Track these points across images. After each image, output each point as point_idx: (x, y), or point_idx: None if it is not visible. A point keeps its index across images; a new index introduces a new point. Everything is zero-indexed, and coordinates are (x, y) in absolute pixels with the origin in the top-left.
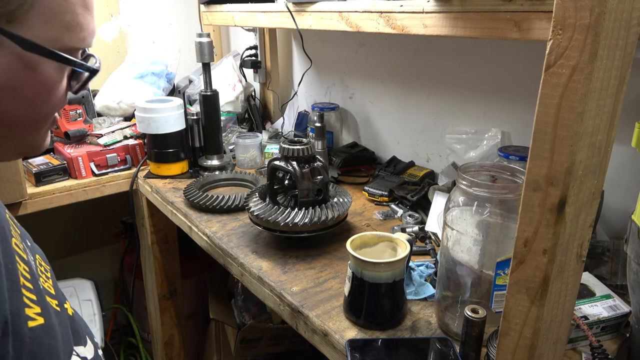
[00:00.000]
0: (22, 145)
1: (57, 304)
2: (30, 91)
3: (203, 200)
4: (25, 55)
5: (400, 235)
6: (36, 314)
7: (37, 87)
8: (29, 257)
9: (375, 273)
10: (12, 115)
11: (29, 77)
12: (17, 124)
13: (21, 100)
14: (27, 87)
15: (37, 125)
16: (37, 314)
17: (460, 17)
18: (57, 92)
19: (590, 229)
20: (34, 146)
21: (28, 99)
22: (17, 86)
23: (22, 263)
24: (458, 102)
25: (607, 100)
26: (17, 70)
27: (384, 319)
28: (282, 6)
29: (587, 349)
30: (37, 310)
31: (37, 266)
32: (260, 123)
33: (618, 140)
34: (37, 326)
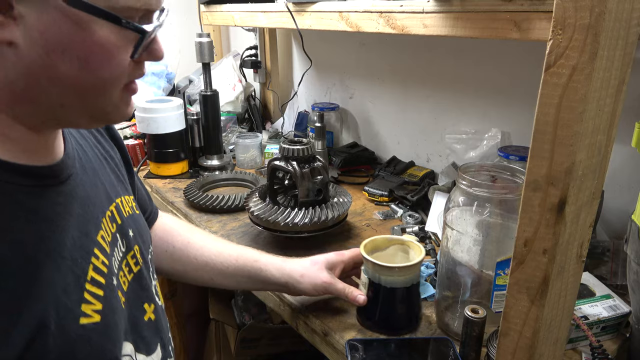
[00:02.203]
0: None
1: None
2: (83, 51)
3: (203, 200)
4: (71, 12)
5: (410, 237)
6: (94, 310)
7: (91, 48)
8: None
9: (396, 278)
10: (70, 77)
11: (79, 35)
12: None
13: (75, 60)
14: (78, 47)
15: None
16: (96, 311)
17: (460, 17)
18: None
19: (590, 229)
20: (106, 112)
21: (83, 59)
22: (68, 45)
23: (102, 256)
24: (458, 102)
25: (607, 100)
26: (65, 27)
27: (404, 323)
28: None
29: (587, 349)
30: (97, 307)
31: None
32: (260, 123)
33: (618, 140)
34: (91, 324)
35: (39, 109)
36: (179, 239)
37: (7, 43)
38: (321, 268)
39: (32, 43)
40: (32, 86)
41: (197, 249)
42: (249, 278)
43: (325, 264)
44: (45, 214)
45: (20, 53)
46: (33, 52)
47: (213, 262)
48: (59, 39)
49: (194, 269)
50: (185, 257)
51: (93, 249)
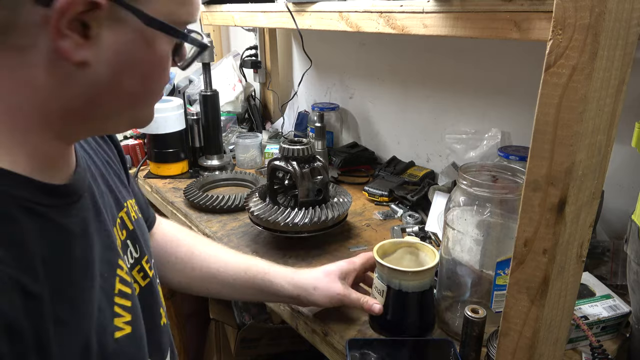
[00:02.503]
0: (135, 119)
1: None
2: (147, 68)
3: (203, 200)
4: (146, 31)
5: (414, 239)
6: (125, 322)
7: (153, 64)
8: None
9: (417, 282)
10: (129, 91)
11: (146, 53)
12: (133, 99)
13: (139, 76)
14: (144, 64)
15: (150, 101)
16: (126, 323)
17: (460, 17)
18: (167, 68)
19: (590, 229)
20: (144, 120)
21: (145, 76)
22: (136, 63)
23: (125, 266)
24: (458, 102)
25: (607, 100)
26: (138, 46)
27: (428, 326)
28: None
29: (587, 349)
30: (127, 319)
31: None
32: (260, 123)
33: (618, 140)
34: (123, 336)
35: (87, 123)
36: (182, 249)
37: (80, 63)
38: (334, 279)
39: (104, 63)
40: (90, 103)
41: (203, 260)
42: (259, 291)
43: (338, 274)
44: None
45: (91, 73)
46: (102, 72)
47: (220, 274)
48: (130, 57)
49: (199, 281)
50: (189, 269)
51: (117, 261)
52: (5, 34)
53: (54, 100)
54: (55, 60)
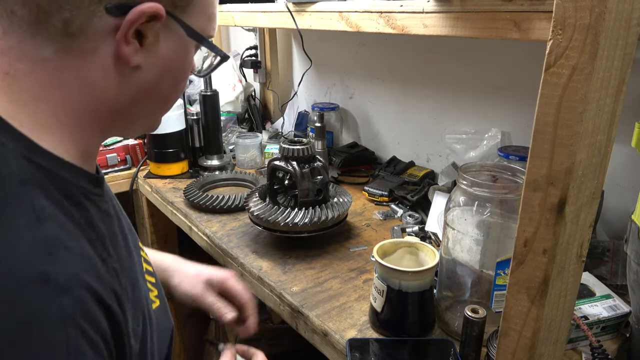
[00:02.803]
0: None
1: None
2: (180, 73)
3: (203, 200)
4: (186, 41)
5: (414, 239)
6: (155, 296)
7: (185, 70)
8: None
9: (417, 282)
10: (164, 93)
11: (183, 60)
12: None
13: (173, 80)
14: (180, 70)
15: (171, 103)
16: (156, 297)
17: (460, 17)
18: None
19: (590, 229)
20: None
21: (177, 80)
22: (175, 68)
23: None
24: (458, 102)
25: (607, 100)
26: (179, 54)
27: (427, 326)
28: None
29: (587, 349)
30: (155, 293)
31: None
32: (260, 123)
33: (618, 140)
34: (157, 308)
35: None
36: None
37: (135, 67)
38: (198, 282)
39: (152, 66)
40: (134, 103)
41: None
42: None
43: (205, 280)
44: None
45: (141, 76)
46: (150, 74)
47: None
48: (172, 63)
49: None
50: None
51: (138, 242)
52: (75, 38)
53: (106, 99)
54: (114, 64)
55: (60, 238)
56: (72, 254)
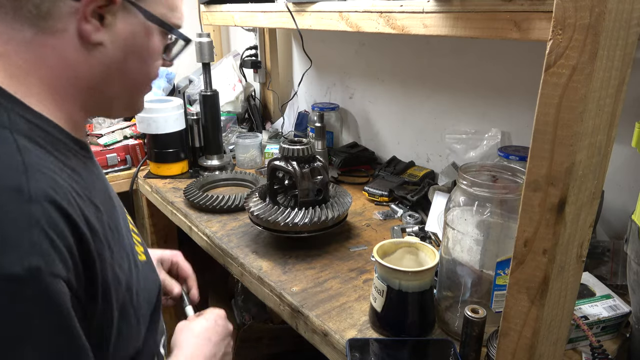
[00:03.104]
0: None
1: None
2: (146, 54)
3: (203, 200)
4: (146, 24)
5: (414, 239)
6: (142, 252)
7: (150, 52)
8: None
9: (417, 282)
10: (133, 73)
11: (146, 42)
12: (133, 80)
13: (140, 60)
14: (144, 50)
15: (144, 85)
16: (142, 252)
17: (460, 17)
18: (158, 60)
19: (590, 229)
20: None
21: (143, 60)
22: (138, 48)
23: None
24: (458, 102)
25: (607, 100)
26: (139, 34)
27: (428, 326)
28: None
29: (587, 349)
30: (141, 249)
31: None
32: (260, 123)
33: (618, 140)
34: (143, 261)
35: (101, 99)
36: None
37: (97, 44)
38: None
39: (115, 45)
40: (105, 80)
41: None
42: None
43: (157, 258)
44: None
45: (105, 52)
46: (114, 52)
47: None
48: (133, 43)
49: None
50: None
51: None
52: (46, 21)
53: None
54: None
55: (39, 165)
56: (47, 177)
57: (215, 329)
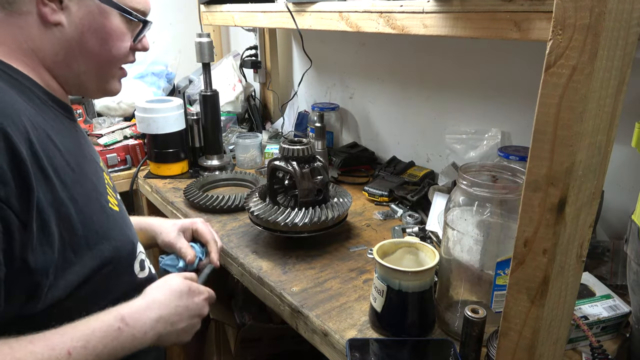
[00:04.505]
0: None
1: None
2: (104, 34)
3: (203, 200)
4: (100, 6)
5: (414, 239)
6: (115, 204)
7: (109, 32)
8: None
9: (417, 282)
10: (94, 51)
11: (104, 22)
12: (96, 58)
13: (99, 39)
14: (102, 30)
15: (110, 64)
16: (116, 205)
17: (460, 17)
18: (124, 42)
19: (590, 229)
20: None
21: (103, 39)
22: (95, 28)
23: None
24: (458, 102)
25: (607, 100)
26: (96, 16)
27: (427, 326)
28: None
29: (587, 349)
30: (115, 202)
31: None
32: (260, 123)
33: (618, 140)
34: (115, 211)
35: (70, 73)
36: None
37: (56, 24)
38: (174, 230)
39: (73, 25)
40: (68, 56)
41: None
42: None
43: (178, 227)
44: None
45: (64, 32)
46: (72, 32)
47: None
48: (90, 23)
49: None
50: None
51: (100, 163)
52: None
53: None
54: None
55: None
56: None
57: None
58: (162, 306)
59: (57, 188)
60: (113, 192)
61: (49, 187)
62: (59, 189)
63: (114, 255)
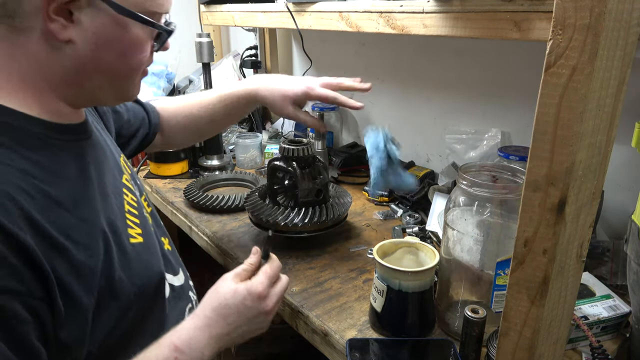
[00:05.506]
0: (119, 92)
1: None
2: (123, 46)
3: (203, 200)
4: (117, 17)
5: (414, 239)
6: (137, 234)
7: (128, 45)
8: (135, 191)
9: (417, 282)
10: (110, 66)
11: (121, 35)
12: (113, 73)
13: (116, 53)
14: (120, 43)
15: (129, 76)
16: (138, 234)
17: (460, 17)
18: (144, 50)
19: (590, 229)
20: (130, 94)
21: (121, 53)
22: (112, 42)
23: (130, 194)
24: (458, 102)
25: (607, 100)
26: (111, 28)
27: (427, 326)
28: (282, 6)
29: (587, 349)
30: (138, 231)
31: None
32: (260, 123)
33: (618, 140)
34: (137, 243)
35: (82, 91)
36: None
37: (67, 41)
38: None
39: (86, 41)
40: (81, 74)
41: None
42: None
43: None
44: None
45: (76, 48)
46: (85, 48)
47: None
48: (106, 37)
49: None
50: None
51: (122, 189)
52: (13, 19)
53: (52, 70)
54: (48, 39)
55: None
56: None
57: (238, 308)
58: (212, 322)
59: (72, 251)
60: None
61: (64, 256)
62: (74, 252)
63: (140, 293)
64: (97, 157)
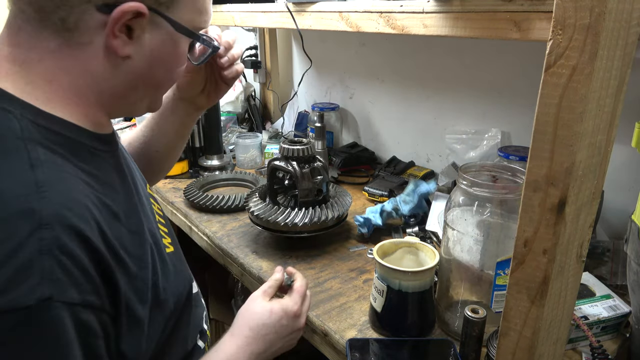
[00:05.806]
0: (153, 103)
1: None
2: (172, 62)
3: (203, 200)
4: (174, 34)
5: (414, 239)
6: (169, 243)
7: (177, 59)
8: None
9: (417, 282)
10: (156, 80)
11: (174, 51)
12: (157, 86)
13: (165, 68)
14: (171, 59)
15: (166, 89)
16: (169, 244)
17: (460, 17)
18: (184, 64)
19: (590, 229)
20: (157, 105)
21: (169, 68)
22: (165, 58)
23: (155, 203)
24: (458, 102)
25: (607, 100)
26: (168, 46)
27: (427, 326)
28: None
29: (587, 349)
30: (169, 240)
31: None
32: (260, 123)
33: (618, 140)
34: (170, 252)
35: (125, 103)
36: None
37: (124, 57)
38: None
39: (142, 56)
40: (130, 89)
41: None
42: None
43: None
44: (123, 169)
45: (132, 64)
46: (141, 63)
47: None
48: (161, 54)
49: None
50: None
51: (150, 198)
52: (72, 33)
53: (106, 85)
54: (107, 54)
55: (52, 182)
56: (61, 194)
57: (275, 327)
58: (251, 341)
59: (129, 264)
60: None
61: (124, 269)
62: (130, 265)
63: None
64: (128, 167)
